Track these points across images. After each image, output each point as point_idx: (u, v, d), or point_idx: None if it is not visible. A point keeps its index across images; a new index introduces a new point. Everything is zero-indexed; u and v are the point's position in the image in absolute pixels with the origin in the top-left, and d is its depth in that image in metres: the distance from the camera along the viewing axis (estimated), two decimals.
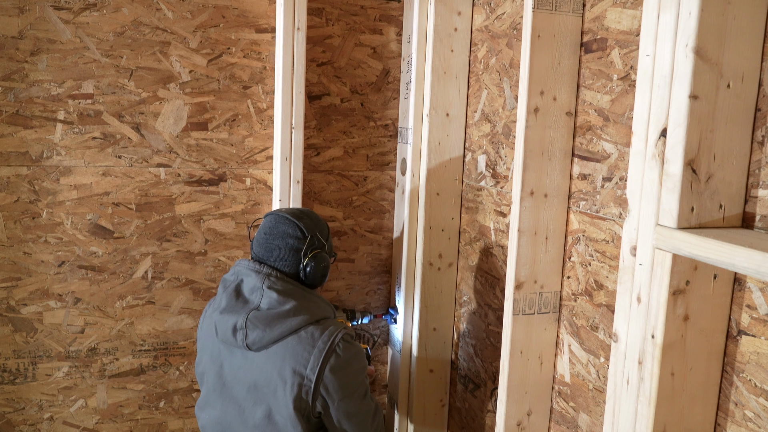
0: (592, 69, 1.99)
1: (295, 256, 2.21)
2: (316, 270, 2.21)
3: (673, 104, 1.39)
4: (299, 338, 2.10)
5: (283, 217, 2.25)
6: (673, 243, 1.38)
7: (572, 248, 2.09)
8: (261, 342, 2.10)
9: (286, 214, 2.26)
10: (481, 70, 2.69)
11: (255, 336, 2.09)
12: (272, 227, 2.24)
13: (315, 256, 2.21)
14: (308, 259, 2.20)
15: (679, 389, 1.49)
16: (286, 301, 2.12)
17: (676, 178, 1.38)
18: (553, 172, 2.07)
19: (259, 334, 2.09)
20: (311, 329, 2.12)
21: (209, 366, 2.26)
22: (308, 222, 2.26)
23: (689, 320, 1.47)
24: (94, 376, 2.92)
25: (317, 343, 2.09)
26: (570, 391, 2.13)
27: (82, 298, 2.85)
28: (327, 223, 2.39)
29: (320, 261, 2.22)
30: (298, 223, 2.23)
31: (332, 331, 2.12)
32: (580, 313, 2.06)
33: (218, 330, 2.18)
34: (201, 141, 2.91)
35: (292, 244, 2.21)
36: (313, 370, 2.07)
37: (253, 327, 2.09)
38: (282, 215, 2.26)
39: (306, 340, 2.10)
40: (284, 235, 2.21)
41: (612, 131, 1.90)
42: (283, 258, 2.20)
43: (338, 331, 2.13)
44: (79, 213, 2.79)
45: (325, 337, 2.10)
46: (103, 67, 2.74)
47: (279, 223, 2.24)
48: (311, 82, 3.04)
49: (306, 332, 2.11)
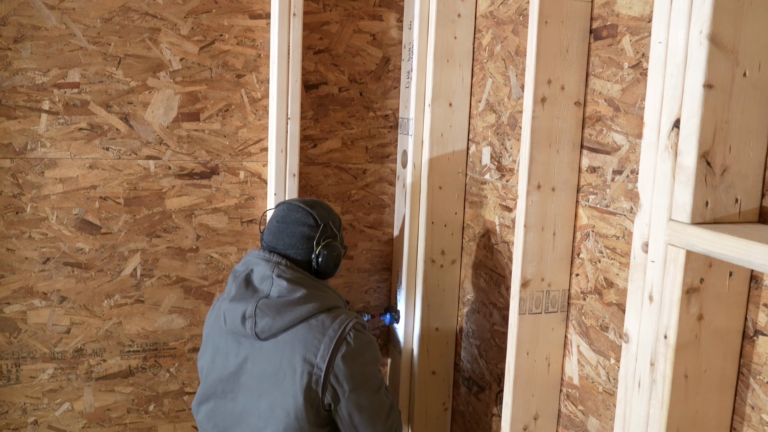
0: (602, 57, 1.98)
1: (308, 245, 2.25)
2: (328, 259, 2.25)
3: (686, 93, 1.39)
4: (309, 326, 2.12)
5: (296, 205, 2.30)
6: (686, 239, 1.38)
7: (581, 244, 2.09)
8: (270, 330, 2.12)
9: (299, 202, 2.31)
10: (485, 58, 2.69)
11: (264, 324, 2.12)
12: (285, 215, 2.28)
13: (328, 245, 2.26)
14: (321, 248, 2.24)
15: (693, 392, 1.50)
16: (296, 289, 2.15)
17: (690, 171, 1.38)
18: (561, 165, 2.07)
19: (269, 321, 2.11)
20: (322, 317, 2.14)
21: (215, 358, 2.27)
22: (321, 211, 2.30)
23: (703, 320, 1.47)
24: (81, 378, 2.92)
25: (328, 331, 2.11)
26: (579, 394, 2.13)
27: (67, 296, 2.85)
28: (338, 215, 2.42)
29: (333, 250, 2.26)
30: (311, 211, 2.28)
31: (343, 320, 2.14)
32: (590, 313, 2.07)
33: (227, 319, 2.20)
34: (192, 132, 2.91)
35: (305, 232, 2.25)
36: (323, 358, 2.08)
37: (262, 315, 2.12)
38: (295, 204, 2.31)
39: (316, 328, 2.12)
40: (297, 222, 2.26)
41: (623, 122, 1.90)
42: (295, 246, 2.24)
43: (350, 319, 2.15)
44: (64, 207, 2.79)
45: (336, 325, 2.12)
46: (90, 55, 2.74)
47: (292, 212, 2.28)
48: (308, 71, 3.04)
49: (316, 320, 2.13)
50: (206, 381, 2.30)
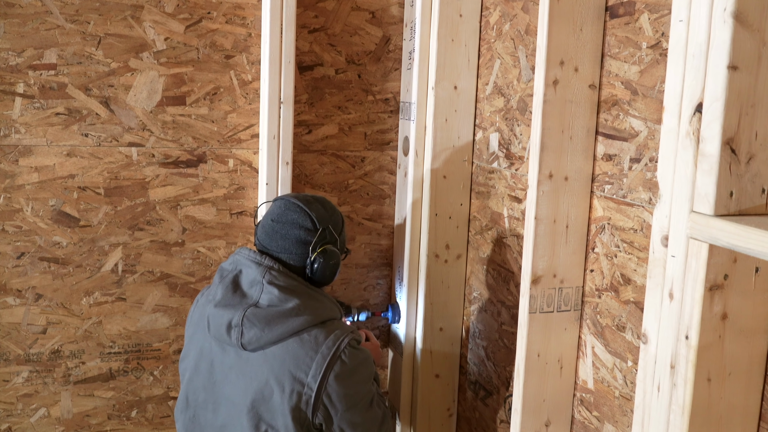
0: (619, 36, 1.98)
1: (303, 249, 2.23)
2: (324, 267, 2.23)
3: (709, 76, 1.39)
4: (301, 341, 2.11)
5: (294, 203, 2.27)
6: (709, 232, 1.38)
7: (596, 238, 2.10)
8: (258, 342, 2.11)
9: (298, 201, 2.28)
10: (493, 38, 2.69)
11: (252, 335, 2.11)
12: (281, 214, 2.26)
13: (325, 251, 2.23)
14: (317, 255, 2.22)
15: (716, 397, 1.50)
16: (288, 299, 2.13)
17: (713, 159, 1.38)
18: (575, 153, 2.08)
19: (257, 333, 2.10)
20: (315, 332, 2.13)
21: (198, 362, 2.27)
22: (321, 212, 2.28)
23: (728, 319, 1.47)
24: (58, 382, 2.93)
25: (321, 348, 2.11)
26: (593, 399, 2.14)
27: (44, 294, 2.86)
28: (342, 214, 2.41)
29: (330, 257, 2.24)
30: (309, 212, 2.25)
31: (338, 335, 2.14)
32: (605, 311, 2.07)
33: (211, 325, 2.19)
34: (178, 117, 2.91)
35: (301, 236, 2.23)
36: (315, 377, 2.08)
37: (250, 325, 2.10)
38: (293, 201, 2.28)
39: (309, 344, 2.11)
40: (293, 224, 2.23)
41: (641, 106, 1.90)
42: (289, 250, 2.23)
43: (345, 335, 2.15)
44: (40, 198, 2.79)
45: (330, 342, 2.12)
46: (68, 34, 2.74)
47: (289, 211, 2.26)
48: (302, 51, 3.04)
49: (309, 335, 2.12)
50: (188, 387, 2.30)
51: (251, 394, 2.13)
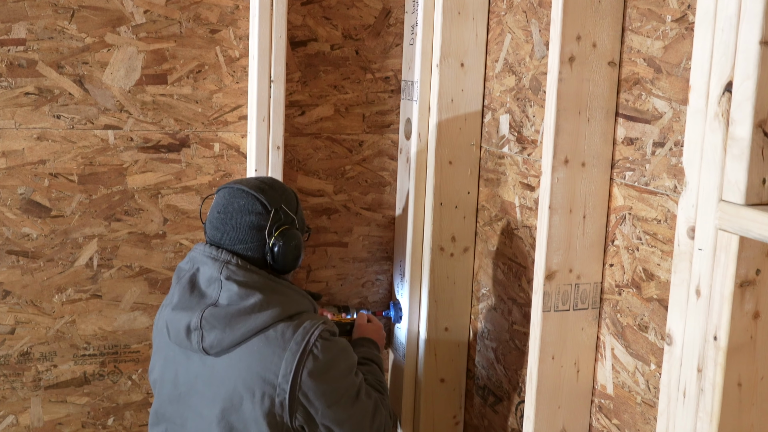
0: (641, 8, 1.98)
1: (258, 236, 2.21)
2: (285, 250, 2.21)
3: (740, 52, 1.38)
4: (267, 339, 2.11)
5: (239, 189, 2.25)
6: (739, 223, 1.38)
7: (616, 229, 2.10)
8: (221, 345, 2.11)
9: (242, 185, 2.26)
10: (503, 10, 2.69)
11: (213, 338, 2.10)
12: (226, 203, 2.24)
13: (283, 233, 2.21)
14: (275, 239, 2.20)
15: (747, 403, 1.50)
16: (249, 294, 2.12)
17: (744, 143, 1.38)
18: (593, 136, 2.08)
19: (218, 335, 2.10)
20: (281, 327, 2.13)
21: (164, 373, 2.27)
22: (270, 193, 2.26)
23: (760, 318, 1.47)
24: (27, 386, 2.93)
25: (289, 344, 2.10)
26: (613, 406, 2.14)
27: (12, 290, 2.86)
28: (294, 192, 2.39)
29: (290, 239, 2.22)
30: (257, 195, 2.22)
31: (307, 328, 2.13)
32: (626, 310, 2.07)
33: (170, 330, 2.18)
34: (158, 97, 2.91)
35: (253, 222, 2.21)
36: (286, 377, 2.08)
37: (210, 327, 2.10)
38: (237, 188, 2.25)
39: (275, 342, 2.11)
40: (242, 211, 2.21)
41: (665, 85, 1.90)
42: (244, 240, 2.21)
43: (315, 327, 2.14)
44: (8, 186, 2.79)
45: (299, 336, 2.11)
46: (38, 6, 2.73)
47: (234, 198, 2.24)
48: (294, 25, 3.03)
49: (275, 331, 2.12)
50: (158, 399, 2.30)
51: (219, 404, 2.13)
